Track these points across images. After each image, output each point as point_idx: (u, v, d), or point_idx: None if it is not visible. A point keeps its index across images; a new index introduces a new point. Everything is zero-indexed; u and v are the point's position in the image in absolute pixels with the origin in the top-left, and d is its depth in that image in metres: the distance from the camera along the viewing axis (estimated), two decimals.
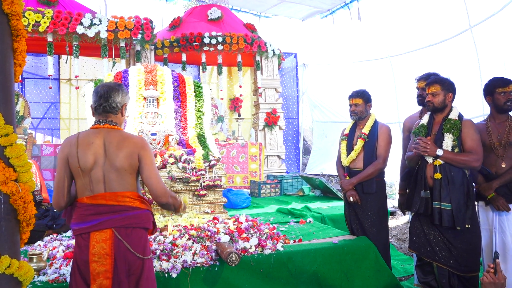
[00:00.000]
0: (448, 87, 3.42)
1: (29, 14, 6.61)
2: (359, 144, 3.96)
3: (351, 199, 3.94)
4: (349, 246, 3.77)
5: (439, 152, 3.29)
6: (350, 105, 4.06)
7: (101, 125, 2.35)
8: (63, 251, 3.42)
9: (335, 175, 10.92)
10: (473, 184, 3.48)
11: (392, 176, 5.05)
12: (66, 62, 9.12)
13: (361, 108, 3.99)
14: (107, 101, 2.34)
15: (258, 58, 8.76)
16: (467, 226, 3.28)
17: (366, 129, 3.97)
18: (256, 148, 7.87)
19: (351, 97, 4.06)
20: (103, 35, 6.93)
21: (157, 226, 2.67)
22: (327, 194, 7.15)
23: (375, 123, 4.02)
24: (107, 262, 2.19)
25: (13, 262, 1.91)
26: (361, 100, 3.99)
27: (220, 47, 8.13)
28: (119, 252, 2.21)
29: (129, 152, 2.28)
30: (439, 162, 3.34)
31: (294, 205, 6.03)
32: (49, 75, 7.12)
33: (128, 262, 2.23)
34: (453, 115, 3.41)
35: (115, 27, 7.02)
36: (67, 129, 9.41)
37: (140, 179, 2.40)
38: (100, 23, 6.95)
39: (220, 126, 8.69)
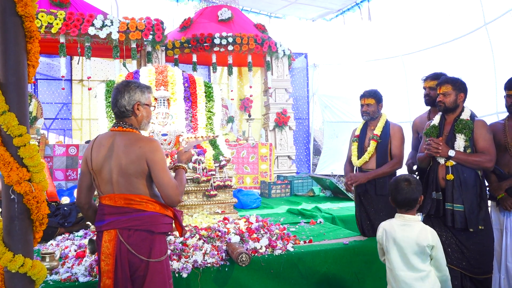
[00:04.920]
0: (460, 87, 3.38)
1: (42, 16, 6.68)
2: (372, 146, 3.92)
3: (350, 183, 3.91)
4: (360, 247, 3.75)
5: (451, 153, 3.26)
6: (362, 105, 4.01)
7: (115, 127, 2.38)
8: (75, 251, 3.45)
9: None
10: (486, 184, 3.45)
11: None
12: (78, 63, 9.22)
13: (373, 108, 3.96)
14: (116, 107, 2.37)
15: (268, 58, 8.75)
16: (480, 227, 3.25)
17: (378, 130, 3.94)
18: (266, 148, 7.86)
19: (363, 96, 4.01)
20: (115, 36, 6.99)
21: (185, 228, 2.66)
22: (337, 194, 7.12)
23: (387, 123, 3.99)
24: (110, 262, 2.24)
25: (27, 261, 1.93)
26: (373, 100, 3.95)
27: (230, 47, 8.14)
28: (120, 254, 2.24)
29: (135, 157, 2.25)
30: (451, 163, 3.30)
31: (305, 206, 6.01)
32: (62, 76, 7.19)
33: (131, 264, 2.24)
34: (465, 115, 3.38)
35: (127, 28, 7.07)
36: (79, 129, 9.50)
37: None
38: (112, 24, 7.01)
39: (230, 127, 8.71)
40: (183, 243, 3.42)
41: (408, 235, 2.56)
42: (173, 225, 2.47)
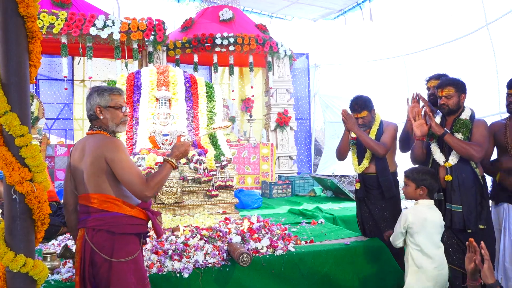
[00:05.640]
0: (461, 87, 3.38)
1: (44, 16, 6.70)
2: (369, 152, 3.86)
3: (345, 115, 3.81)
4: (361, 248, 3.75)
5: (446, 130, 3.30)
6: (357, 118, 3.86)
7: (89, 131, 2.49)
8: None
9: (347, 176, 10.85)
10: (487, 185, 3.45)
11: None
12: (78, 63, 9.23)
13: (368, 118, 3.87)
14: (87, 111, 2.49)
15: (269, 58, 8.75)
16: (481, 227, 3.25)
17: (372, 134, 3.86)
18: (267, 148, 7.86)
19: (355, 112, 3.85)
20: (116, 36, 7.00)
21: (149, 233, 2.62)
22: (338, 195, 7.12)
23: (381, 124, 3.92)
24: (77, 259, 2.34)
25: (28, 260, 1.94)
26: (366, 112, 3.84)
27: (231, 48, 8.14)
28: (85, 252, 2.31)
29: (96, 157, 2.30)
30: (449, 164, 3.31)
31: (306, 206, 6.01)
32: (64, 76, 7.20)
33: (94, 262, 2.29)
34: (464, 115, 3.37)
35: (128, 29, 7.08)
36: (80, 129, 9.52)
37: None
38: (113, 25, 7.02)
39: (231, 127, 8.71)
40: (184, 243, 3.43)
41: (434, 218, 3.00)
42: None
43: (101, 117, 2.43)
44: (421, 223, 2.94)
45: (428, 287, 2.91)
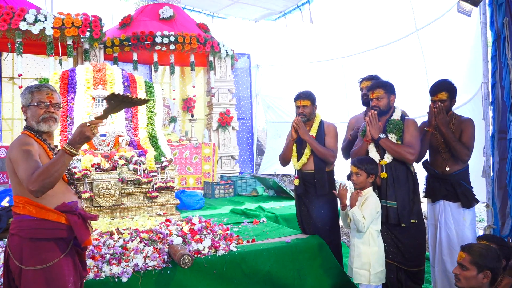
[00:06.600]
0: (390, 89, 3.56)
1: None
2: (308, 148, 3.95)
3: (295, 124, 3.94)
4: (302, 245, 3.83)
5: (382, 135, 3.45)
6: (298, 107, 3.99)
7: None
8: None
9: (289, 175, 11.05)
10: (418, 181, 3.64)
11: (343, 176, 5.19)
12: (4, 59, 8.67)
13: (309, 110, 3.98)
14: None
15: (211, 58, 8.70)
16: (412, 221, 3.43)
17: (313, 131, 3.97)
18: (209, 148, 7.82)
19: (299, 98, 3.99)
20: (49, 32, 6.64)
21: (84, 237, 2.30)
22: (280, 194, 7.22)
23: (321, 123, 4.04)
24: (2, 266, 2.29)
25: None
26: (309, 102, 3.96)
27: (172, 46, 8.01)
28: (4, 257, 2.25)
29: (7, 159, 2.23)
30: (385, 162, 3.47)
31: (248, 206, 6.04)
32: None
33: (10, 269, 2.21)
34: (395, 116, 3.56)
35: (62, 24, 6.74)
36: (9, 130, 8.94)
37: None
38: (46, 20, 6.65)
39: (172, 127, 8.57)
40: (123, 247, 3.33)
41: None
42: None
43: (25, 116, 2.33)
44: (379, 207, 3.34)
45: (382, 264, 3.32)
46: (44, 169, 2.07)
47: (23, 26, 6.49)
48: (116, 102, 2.16)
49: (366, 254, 3.26)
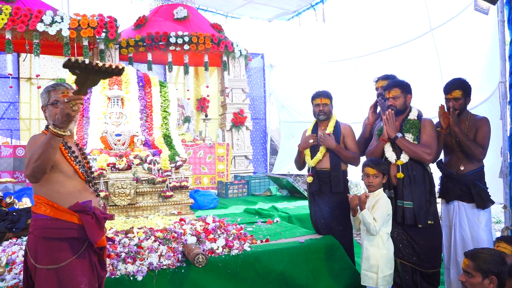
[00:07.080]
0: (407, 88, 3.52)
1: None
2: (323, 146, 3.96)
3: (311, 141, 4.00)
4: (315, 245, 3.82)
5: (398, 134, 3.43)
6: (318, 105, 4.00)
7: None
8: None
9: (302, 175, 11.01)
10: (434, 182, 3.60)
11: (357, 176, 5.16)
12: (23, 60, 8.81)
13: (329, 108, 4.01)
14: None
15: (225, 58, 8.73)
16: (429, 222, 3.39)
17: (329, 129, 3.98)
18: (223, 148, 7.84)
19: (319, 96, 4.00)
20: (65, 33, 6.74)
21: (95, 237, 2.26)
22: (294, 194, 7.21)
23: (337, 122, 4.04)
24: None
25: None
26: (329, 100, 4.00)
27: (186, 46, 8.06)
28: (24, 254, 2.31)
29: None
30: (401, 162, 3.44)
31: (261, 205, 6.04)
32: (9, 74, 6.85)
33: (27, 267, 2.26)
34: (412, 115, 3.53)
35: (78, 25, 6.83)
36: (27, 129, 9.10)
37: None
38: (62, 21, 6.75)
39: (187, 127, 8.62)
40: (138, 245, 3.36)
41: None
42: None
43: (45, 116, 2.36)
44: (390, 209, 3.31)
45: (391, 268, 3.25)
46: (34, 152, 2.03)
47: (40, 27, 6.60)
48: (82, 72, 1.88)
49: (375, 257, 3.21)
